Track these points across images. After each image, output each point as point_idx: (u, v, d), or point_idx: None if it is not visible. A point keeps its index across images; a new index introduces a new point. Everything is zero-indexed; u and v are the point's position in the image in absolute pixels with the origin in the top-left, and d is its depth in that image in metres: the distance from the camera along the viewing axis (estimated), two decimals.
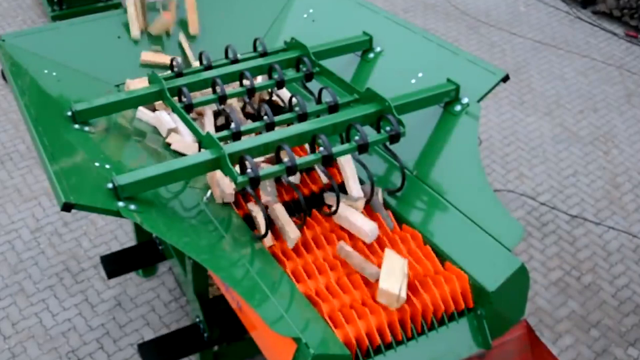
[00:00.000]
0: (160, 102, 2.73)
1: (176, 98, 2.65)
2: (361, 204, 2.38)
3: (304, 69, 2.84)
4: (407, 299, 2.09)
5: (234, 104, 2.92)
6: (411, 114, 2.55)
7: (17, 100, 2.56)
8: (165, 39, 3.25)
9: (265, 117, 2.53)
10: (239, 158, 2.23)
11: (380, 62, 2.98)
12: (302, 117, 2.56)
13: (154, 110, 2.85)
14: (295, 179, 2.55)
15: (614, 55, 6.22)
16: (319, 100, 2.76)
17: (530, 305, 3.83)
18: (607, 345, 3.66)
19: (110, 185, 2.11)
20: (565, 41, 6.38)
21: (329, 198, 2.44)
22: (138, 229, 3.79)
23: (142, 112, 2.80)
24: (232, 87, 2.81)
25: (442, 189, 2.43)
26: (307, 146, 2.54)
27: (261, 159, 2.56)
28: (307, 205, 2.42)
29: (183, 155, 2.59)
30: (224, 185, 2.37)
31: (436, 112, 2.65)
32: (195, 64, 3.04)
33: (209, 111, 2.82)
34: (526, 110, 5.45)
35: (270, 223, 2.30)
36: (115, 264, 3.47)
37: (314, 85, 2.86)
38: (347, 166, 2.49)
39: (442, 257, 2.25)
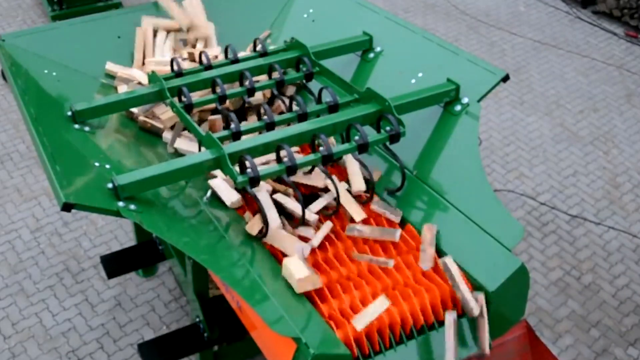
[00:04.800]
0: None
1: (176, 98, 2.66)
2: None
3: (304, 69, 2.85)
4: (407, 299, 2.09)
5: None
6: (411, 114, 2.55)
7: (17, 100, 2.56)
8: None
9: (265, 117, 2.53)
10: (238, 158, 2.23)
11: (380, 62, 2.97)
12: (302, 117, 2.56)
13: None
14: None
15: (614, 55, 6.22)
16: (319, 100, 2.76)
17: (530, 305, 3.83)
18: (607, 345, 3.66)
19: (110, 185, 2.11)
20: (565, 41, 6.38)
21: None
22: (138, 229, 3.79)
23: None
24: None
25: (442, 189, 2.43)
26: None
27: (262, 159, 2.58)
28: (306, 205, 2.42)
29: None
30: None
31: (436, 112, 2.65)
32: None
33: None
34: (526, 110, 5.45)
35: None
36: (115, 264, 3.47)
37: (314, 85, 2.86)
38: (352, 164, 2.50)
39: (442, 257, 2.25)
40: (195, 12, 3.22)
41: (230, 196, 2.39)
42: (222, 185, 2.43)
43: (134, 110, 2.78)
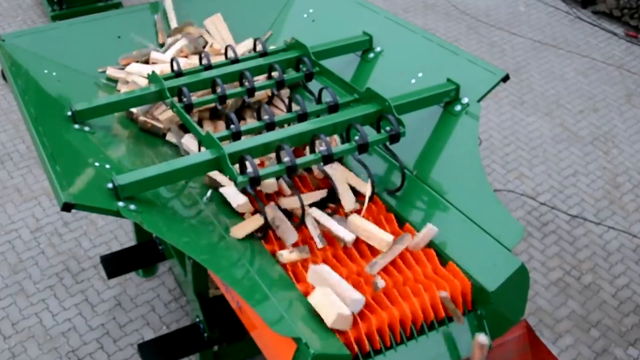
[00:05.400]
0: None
1: (176, 98, 2.66)
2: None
3: (304, 69, 2.85)
4: (407, 299, 2.09)
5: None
6: (411, 114, 2.55)
7: (17, 100, 2.56)
8: None
9: (265, 117, 2.53)
10: (239, 158, 2.23)
11: (380, 62, 2.97)
12: (302, 117, 2.56)
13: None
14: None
15: (614, 55, 6.22)
16: (319, 100, 2.76)
17: (530, 305, 3.83)
18: (607, 345, 3.66)
19: (110, 185, 2.11)
20: (565, 41, 6.38)
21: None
22: (138, 229, 3.79)
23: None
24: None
25: (442, 189, 2.43)
26: None
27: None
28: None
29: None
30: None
31: (436, 112, 2.65)
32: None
33: None
34: (526, 110, 5.45)
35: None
36: (115, 264, 3.47)
37: (314, 85, 2.86)
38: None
39: (442, 257, 2.25)
40: (218, 31, 3.23)
41: (237, 199, 2.39)
42: (230, 191, 2.42)
43: (134, 110, 2.78)
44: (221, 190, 2.42)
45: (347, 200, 2.43)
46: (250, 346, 2.43)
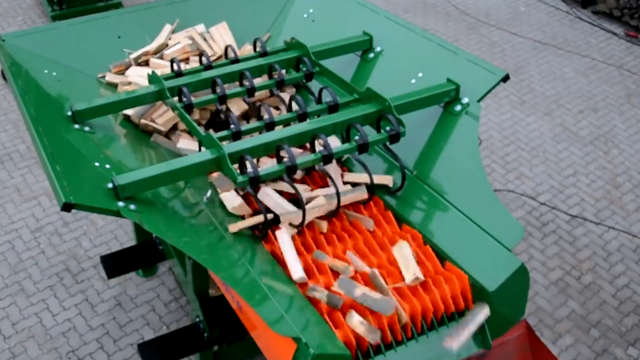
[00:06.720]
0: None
1: (176, 98, 2.66)
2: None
3: (304, 69, 2.85)
4: (407, 299, 2.09)
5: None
6: (411, 114, 2.55)
7: (17, 100, 2.56)
8: None
9: (265, 117, 2.53)
10: (239, 158, 2.23)
11: (380, 62, 2.98)
12: (302, 117, 2.56)
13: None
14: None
15: (614, 55, 6.22)
16: (319, 100, 2.76)
17: (530, 305, 3.83)
18: (607, 345, 3.66)
19: (110, 185, 2.11)
20: (565, 41, 6.38)
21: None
22: (138, 229, 3.79)
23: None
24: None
25: (442, 189, 2.43)
26: None
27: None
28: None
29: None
30: None
31: (436, 112, 2.65)
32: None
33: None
34: (526, 110, 5.45)
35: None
36: (115, 264, 3.47)
37: (314, 85, 2.86)
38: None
39: (442, 257, 2.25)
40: (222, 39, 3.22)
41: (233, 202, 2.38)
42: (228, 195, 2.42)
43: (130, 113, 2.78)
44: (220, 195, 2.42)
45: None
46: (250, 346, 2.43)
